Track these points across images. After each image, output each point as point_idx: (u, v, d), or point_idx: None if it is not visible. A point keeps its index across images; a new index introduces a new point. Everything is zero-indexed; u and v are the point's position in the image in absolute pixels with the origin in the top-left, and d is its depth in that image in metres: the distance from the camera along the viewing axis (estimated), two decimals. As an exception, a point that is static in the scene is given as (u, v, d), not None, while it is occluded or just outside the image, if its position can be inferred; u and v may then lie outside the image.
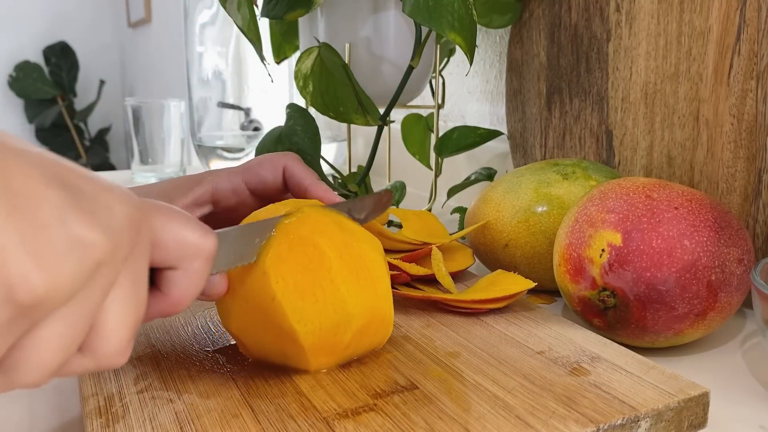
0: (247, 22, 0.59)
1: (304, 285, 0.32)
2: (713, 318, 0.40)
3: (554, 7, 0.66)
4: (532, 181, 0.51)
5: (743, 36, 0.48)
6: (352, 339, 0.34)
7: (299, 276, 0.32)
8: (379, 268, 0.35)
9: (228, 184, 0.43)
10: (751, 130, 0.49)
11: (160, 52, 2.69)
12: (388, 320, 0.35)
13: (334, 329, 0.33)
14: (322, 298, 0.33)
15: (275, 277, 0.32)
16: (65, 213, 0.20)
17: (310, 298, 0.32)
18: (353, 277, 0.33)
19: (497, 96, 0.85)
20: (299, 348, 0.33)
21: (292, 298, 0.32)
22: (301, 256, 0.33)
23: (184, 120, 1.08)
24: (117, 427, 0.30)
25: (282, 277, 0.32)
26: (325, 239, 0.34)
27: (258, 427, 0.30)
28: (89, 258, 0.20)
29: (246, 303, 0.33)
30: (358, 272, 0.34)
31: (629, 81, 0.59)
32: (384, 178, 0.93)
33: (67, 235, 0.19)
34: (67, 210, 0.20)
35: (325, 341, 0.33)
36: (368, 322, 0.34)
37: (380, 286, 0.35)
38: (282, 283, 0.32)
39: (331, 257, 0.33)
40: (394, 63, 0.64)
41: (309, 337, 0.32)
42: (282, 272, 0.32)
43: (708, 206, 0.40)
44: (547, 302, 0.51)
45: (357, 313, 0.33)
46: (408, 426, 0.29)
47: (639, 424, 0.30)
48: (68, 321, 0.20)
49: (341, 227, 0.35)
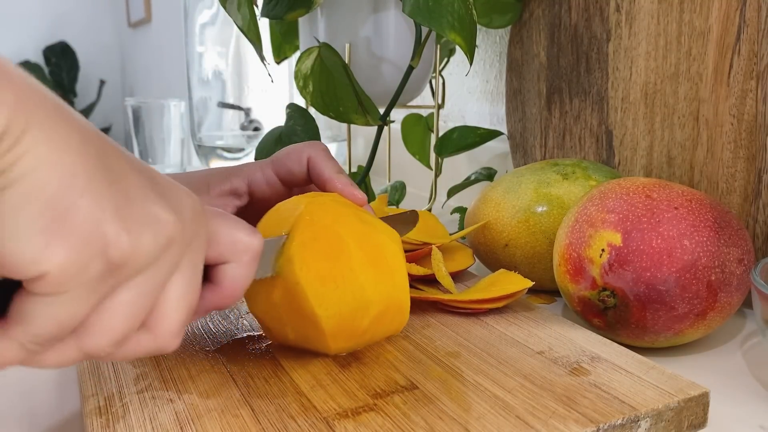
0: (247, 22, 0.59)
1: (326, 272, 0.34)
2: (713, 318, 0.40)
3: (554, 7, 0.66)
4: (532, 181, 0.51)
5: (743, 36, 0.48)
6: (369, 324, 0.35)
7: (321, 263, 0.34)
8: (397, 259, 0.36)
9: (262, 176, 0.44)
10: (751, 130, 0.49)
11: (160, 52, 2.69)
12: (404, 308, 0.37)
13: (353, 315, 0.34)
14: (342, 285, 0.34)
15: (299, 263, 0.34)
16: (146, 193, 0.23)
17: (331, 285, 0.34)
18: (372, 266, 0.35)
19: (497, 96, 0.85)
20: (320, 332, 0.34)
21: (315, 284, 0.34)
22: (324, 244, 0.34)
23: (184, 120, 1.08)
24: (117, 427, 0.30)
25: (306, 263, 0.34)
26: (347, 229, 0.35)
27: (258, 427, 0.30)
28: (163, 233, 0.23)
29: (272, 288, 0.35)
30: (376, 262, 0.35)
31: (629, 81, 0.59)
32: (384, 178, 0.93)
33: (148, 211, 0.23)
34: (148, 191, 0.23)
35: (344, 326, 0.35)
36: (385, 309, 0.36)
37: (397, 275, 0.36)
38: (306, 270, 0.34)
39: (351, 247, 0.35)
40: (394, 63, 0.64)
41: (330, 322, 0.34)
42: (306, 259, 0.34)
43: (708, 206, 0.40)
44: (547, 302, 0.51)
45: (375, 300, 0.35)
46: (408, 426, 0.29)
47: (639, 424, 0.30)
48: (140, 290, 0.23)
49: (361, 219, 0.37)
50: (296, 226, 0.35)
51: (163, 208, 0.23)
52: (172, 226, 0.23)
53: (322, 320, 0.34)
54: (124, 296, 0.23)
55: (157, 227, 0.23)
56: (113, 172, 0.22)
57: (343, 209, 0.37)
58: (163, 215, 0.23)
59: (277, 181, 0.44)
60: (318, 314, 0.34)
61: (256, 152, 0.64)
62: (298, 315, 0.34)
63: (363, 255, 0.35)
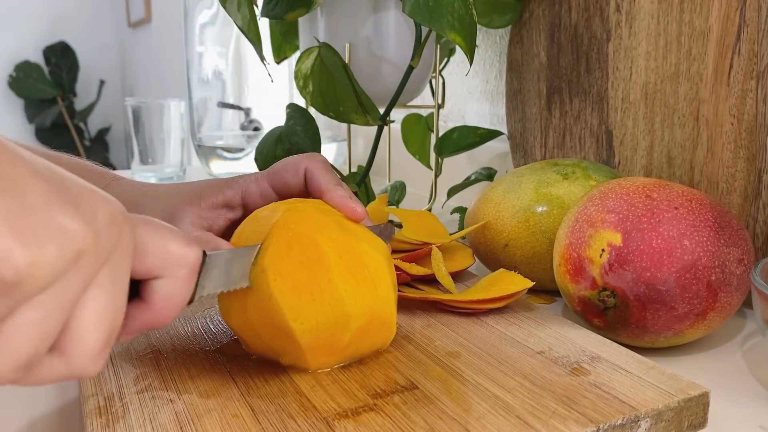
0: (247, 22, 0.59)
1: (302, 283, 0.32)
2: (713, 318, 0.40)
3: (554, 7, 0.66)
4: (532, 181, 0.51)
5: (743, 36, 0.48)
6: (351, 339, 0.34)
7: (297, 274, 0.32)
8: (381, 269, 0.35)
9: (256, 188, 0.43)
10: (751, 130, 0.49)
11: (160, 52, 2.69)
12: (389, 321, 0.35)
13: (332, 329, 0.33)
14: (320, 297, 0.33)
15: (273, 274, 0.32)
16: (50, 201, 0.20)
17: (307, 297, 0.32)
18: (352, 277, 0.33)
19: (497, 96, 0.85)
20: (297, 346, 0.33)
21: (290, 296, 0.32)
22: (300, 254, 0.33)
23: (184, 120, 1.08)
24: (117, 427, 0.30)
25: (280, 274, 0.32)
26: (325, 238, 0.34)
27: (258, 427, 0.30)
28: (70, 245, 0.20)
29: (245, 300, 0.33)
30: (357, 272, 0.34)
31: (629, 81, 0.59)
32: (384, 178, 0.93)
33: (50, 221, 0.20)
34: (51, 199, 0.20)
35: (322, 340, 0.33)
36: (368, 323, 0.34)
37: (381, 287, 0.34)
38: (280, 281, 0.32)
39: (330, 256, 0.33)
40: (394, 63, 0.64)
41: (306, 336, 0.33)
42: (280, 270, 0.32)
43: (708, 206, 0.40)
44: (547, 302, 0.51)
45: (355, 314, 0.33)
46: (408, 426, 0.29)
47: (639, 424, 0.30)
48: (45, 308, 0.21)
49: (342, 227, 0.35)
50: (271, 234, 0.33)
51: (70, 217, 0.21)
52: (82, 236, 0.21)
53: (297, 334, 0.32)
54: (27, 316, 0.20)
55: (62, 238, 0.20)
56: (5, 179, 0.19)
57: (323, 216, 0.35)
58: (70, 224, 0.21)
59: (273, 193, 0.43)
60: (293, 328, 0.32)
61: (256, 152, 0.64)
62: (274, 329, 0.33)
63: (343, 265, 0.33)
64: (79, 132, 3.37)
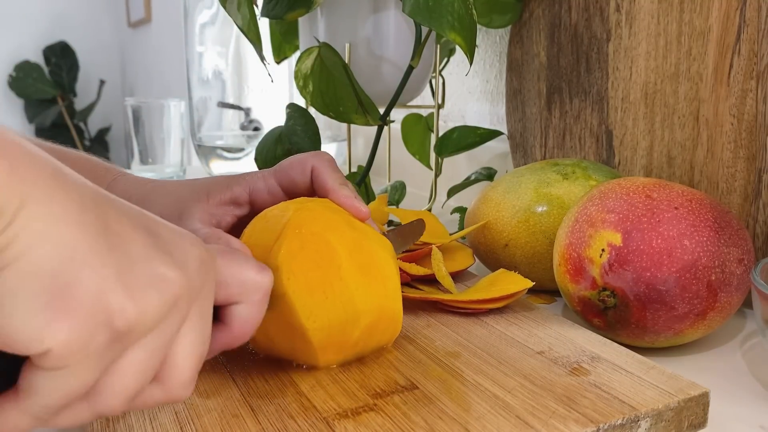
0: (247, 22, 0.59)
1: (315, 282, 0.33)
2: (713, 318, 0.40)
3: (554, 7, 0.66)
4: (532, 181, 0.51)
5: (743, 36, 0.48)
6: (360, 336, 0.34)
7: (310, 273, 0.33)
8: (389, 267, 0.35)
9: (264, 185, 0.43)
10: (751, 130, 0.49)
11: (160, 52, 2.69)
12: (396, 318, 0.36)
13: (343, 326, 0.33)
14: (332, 295, 0.33)
15: (287, 273, 0.33)
16: (150, 253, 0.22)
17: (319, 295, 0.33)
18: (362, 275, 0.34)
19: (497, 96, 0.85)
20: (308, 344, 0.33)
21: (303, 294, 0.33)
22: (312, 253, 0.33)
23: (184, 120, 1.08)
24: (117, 427, 0.30)
25: (293, 273, 0.33)
26: (336, 237, 0.34)
27: (258, 427, 0.30)
28: (169, 292, 0.22)
29: None
30: (367, 270, 0.34)
31: (629, 81, 0.59)
32: (384, 178, 0.93)
33: (152, 272, 0.22)
34: (150, 250, 0.23)
35: (333, 338, 0.34)
36: (377, 320, 0.35)
37: (389, 284, 0.35)
38: (293, 280, 0.33)
39: (341, 255, 0.34)
40: (394, 63, 0.64)
41: (318, 334, 0.33)
42: (293, 269, 0.33)
43: (708, 206, 0.40)
44: (547, 302, 0.51)
45: (365, 311, 0.34)
46: (408, 426, 0.29)
47: (639, 424, 0.30)
48: (149, 349, 0.23)
49: (352, 226, 0.36)
50: (283, 233, 0.34)
51: (167, 266, 0.23)
52: (179, 283, 0.23)
53: (309, 332, 0.33)
54: (133, 357, 0.22)
55: (163, 286, 0.22)
56: (114, 235, 0.21)
57: (333, 216, 0.36)
58: (168, 273, 0.23)
59: (280, 190, 0.43)
60: (306, 326, 0.32)
61: (256, 152, 0.64)
62: (285, 327, 0.33)
63: (353, 263, 0.34)
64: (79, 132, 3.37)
